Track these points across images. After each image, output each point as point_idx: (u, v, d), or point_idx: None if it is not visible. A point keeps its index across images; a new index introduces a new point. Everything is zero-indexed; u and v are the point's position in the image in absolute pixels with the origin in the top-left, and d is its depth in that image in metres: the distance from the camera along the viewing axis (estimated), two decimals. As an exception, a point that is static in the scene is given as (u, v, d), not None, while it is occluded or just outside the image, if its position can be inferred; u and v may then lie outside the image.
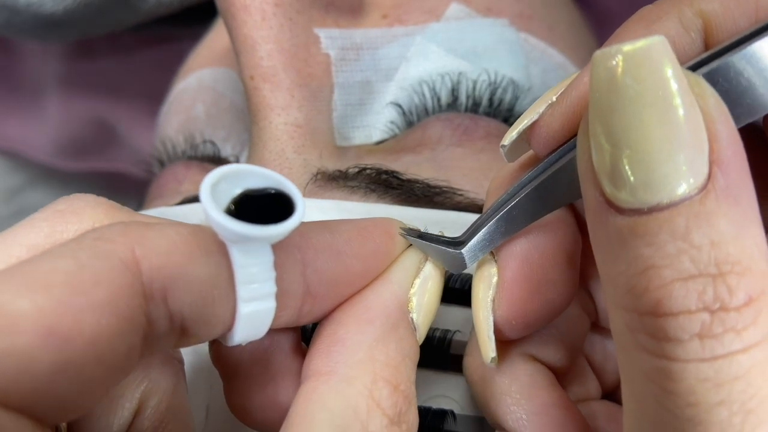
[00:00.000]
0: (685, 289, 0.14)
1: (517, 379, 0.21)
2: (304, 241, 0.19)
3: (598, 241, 0.16)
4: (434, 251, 0.21)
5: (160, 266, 0.16)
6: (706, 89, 0.15)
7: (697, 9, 0.18)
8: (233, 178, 0.17)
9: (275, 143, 0.27)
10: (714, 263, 0.14)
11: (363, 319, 0.19)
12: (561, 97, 0.19)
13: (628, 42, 0.15)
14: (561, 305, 0.20)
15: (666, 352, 0.15)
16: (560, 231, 0.20)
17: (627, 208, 0.15)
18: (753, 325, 0.14)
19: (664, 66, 0.15)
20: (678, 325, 0.15)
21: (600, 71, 0.15)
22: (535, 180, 0.19)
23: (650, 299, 0.15)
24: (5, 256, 0.17)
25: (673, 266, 0.15)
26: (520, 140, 0.20)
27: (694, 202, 0.15)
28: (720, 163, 0.15)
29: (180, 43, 0.41)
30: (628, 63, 0.15)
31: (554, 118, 0.19)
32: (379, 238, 0.20)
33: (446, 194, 0.26)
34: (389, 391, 0.18)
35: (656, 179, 0.15)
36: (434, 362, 0.25)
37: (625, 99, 0.15)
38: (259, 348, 0.20)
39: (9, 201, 0.53)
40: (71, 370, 0.14)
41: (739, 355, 0.14)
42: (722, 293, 0.14)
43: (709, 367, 0.14)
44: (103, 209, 0.19)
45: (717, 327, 0.14)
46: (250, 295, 0.17)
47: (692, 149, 0.15)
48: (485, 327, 0.20)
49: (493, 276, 0.20)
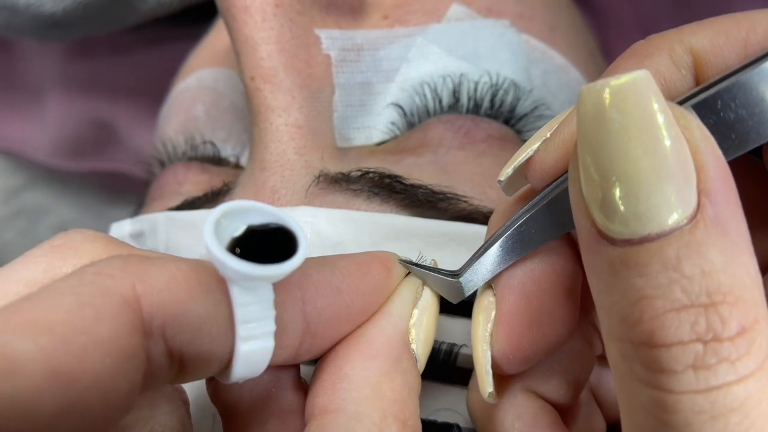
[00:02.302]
0: (678, 320, 0.15)
1: (519, 418, 0.21)
2: (304, 279, 0.19)
3: (591, 271, 0.16)
4: (433, 280, 0.21)
5: (160, 303, 0.16)
6: (691, 121, 0.16)
7: (687, 45, 0.18)
8: (235, 214, 0.17)
9: (276, 144, 0.27)
10: (705, 293, 0.15)
11: (367, 354, 0.19)
12: (555, 133, 0.19)
13: (613, 77, 0.15)
14: (560, 338, 0.20)
15: (661, 384, 0.15)
16: (558, 263, 0.20)
17: (618, 239, 0.15)
18: (747, 355, 0.14)
19: (648, 99, 0.15)
20: (671, 356, 0.15)
21: (587, 105, 0.15)
22: (532, 209, 0.20)
23: (644, 330, 0.15)
24: (3, 293, 0.17)
25: (666, 297, 0.15)
26: (516, 175, 0.20)
27: (684, 232, 0.15)
28: (708, 193, 0.15)
29: (180, 43, 0.41)
30: (613, 97, 0.15)
31: (548, 154, 0.19)
32: (378, 272, 0.20)
33: (450, 200, 0.26)
34: (398, 427, 0.18)
35: (646, 210, 0.15)
36: (440, 375, 0.25)
37: (611, 132, 0.15)
38: (258, 385, 0.20)
39: (9, 201, 0.53)
40: (76, 410, 0.14)
41: (734, 386, 0.14)
42: (715, 323, 0.14)
43: (704, 399, 0.14)
44: (101, 243, 0.18)
45: (710, 358, 0.14)
46: (248, 334, 0.17)
47: (680, 180, 0.15)
48: (483, 362, 0.20)
49: (491, 308, 0.20)
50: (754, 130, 0.17)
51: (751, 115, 0.17)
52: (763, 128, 0.17)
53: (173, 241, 0.28)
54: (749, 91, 0.17)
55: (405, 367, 0.19)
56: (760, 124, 0.17)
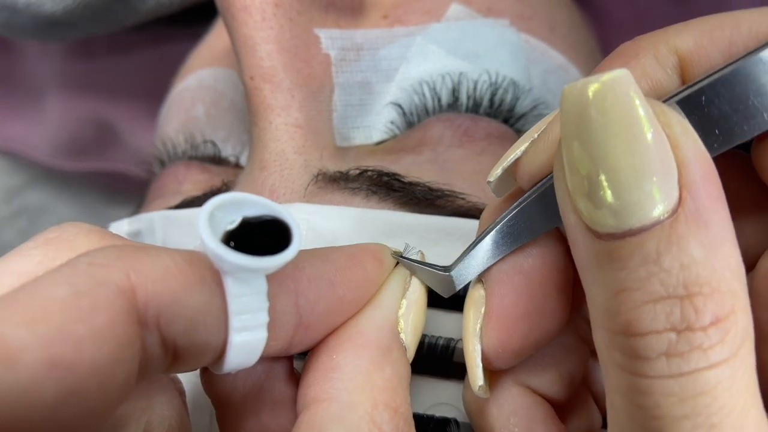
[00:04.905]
0: (654, 311, 0.15)
1: (514, 413, 0.21)
2: (297, 272, 0.19)
3: (579, 264, 0.17)
4: (424, 273, 0.21)
5: (155, 293, 0.16)
6: (671, 117, 0.16)
7: (672, 46, 0.19)
8: (230, 207, 0.17)
9: (276, 144, 0.27)
10: (683, 285, 0.15)
11: (358, 345, 0.19)
12: (542, 134, 0.19)
13: (594, 76, 0.15)
14: (550, 332, 0.20)
15: (636, 369, 0.15)
16: (548, 257, 0.20)
17: (603, 233, 0.16)
18: (720, 344, 0.15)
19: (629, 97, 0.15)
20: (646, 344, 0.15)
21: (569, 104, 0.16)
22: (522, 204, 0.20)
23: (622, 320, 0.15)
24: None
25: (644, 289, 0.15)
26: (506, 176, 0.20)
27: (664, 226, 0.15)
28: (689, 187, 0.15)
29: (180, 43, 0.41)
30: (595, 96, 0.15)
31: (536, 155, 0.19)
32: (370, 264, 0.21)
33: (448, 197, 0.26)
34: (390, 414, 0.18)
35: (628, 205, 0.15)
36: (437, 370, 0.25)
37: (593, 130, 0.15)
38: (251, 376, 0.20)
39: (9, 201, 0.53)
40: (74, 399, 0.14)
41: (705, 372, 0.15)
42: (689, 314, 0.15)
43: (674, 383, 0.15)
44: (96, 236, 0.18)
45: (683, 346, 0.15)
46: (242, 325, 0.17)
47: (661, 175, 0.15)
48: (473, 355, 0.20)
49: (482, 302, 0.20)
50: (739, 125, 0.17)
51: (735, 111, 0.17)
52: (747, 124, 0.17)
53: (171, 239, 0.28)
54: (733, 87, 0.17)
55: (395, 356, 0.20)
56: (745, 120, 0.17)
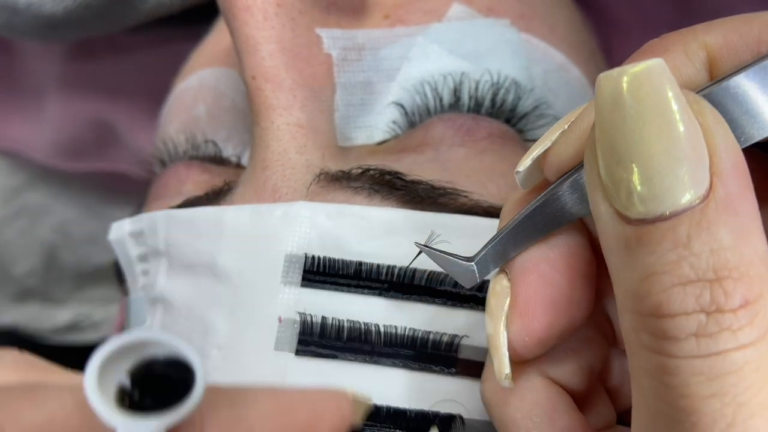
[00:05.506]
0: (684, 293, 0.15)
1: (537, 404, 0.21)
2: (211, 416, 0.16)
3: (607, 249, 0.17)
4: (446, 263, 0.21)
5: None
6: (705, 107, 0.16)
7: (701, 42, 0.19)
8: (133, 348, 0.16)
9: (277, 144, 0.27)
10: (712, 269, 0.15)
11: None
12: (573, 124, 0.19)
13: (630, 65, 0.16)
14: (576, 322, 0.20)
15: (664, 350, 0.16)
16: (573, 247, 0.20)
17: (634, 218, 0.16)
18: (749, 326, 0.15)
19: (663, 86, 0.16)
20: (676, 325, 0.16)
21: (604, 92, 0.16)
22: (546, 196, 0.20)
23: (652, 302, 0.16)
24: None
25: (674, 272, 0.16)
26: (533, 167, 0.20)
27: (695, 211, 0.16)
28: (719, 175, 0.16)
29: (180, 43, 0.41)
30: (630, 84, 0.16)
31: (567, 145, 0.19)
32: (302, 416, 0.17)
33: (450, 195, 0.26)
34: None
35: (660, 191, 0.16)
36: (441, 367, 0.25)
37: (628, 117, 0.16)
38: None
39: (9, 201, 0.53)
40: None
41: (733, 352, 0.15)
42: (718, 296, 0.15)
43: (702, 363, 0.15)
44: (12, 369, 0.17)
45: (712, 327, 0.15)
46: None
47: (693, 162, 0.16)
48: (499, 344, 0.20)
49: (505, 292, 0.20)
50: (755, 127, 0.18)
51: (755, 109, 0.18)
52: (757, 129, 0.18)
53: (173, 239, 0.28)
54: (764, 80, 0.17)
55: None
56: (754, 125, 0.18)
